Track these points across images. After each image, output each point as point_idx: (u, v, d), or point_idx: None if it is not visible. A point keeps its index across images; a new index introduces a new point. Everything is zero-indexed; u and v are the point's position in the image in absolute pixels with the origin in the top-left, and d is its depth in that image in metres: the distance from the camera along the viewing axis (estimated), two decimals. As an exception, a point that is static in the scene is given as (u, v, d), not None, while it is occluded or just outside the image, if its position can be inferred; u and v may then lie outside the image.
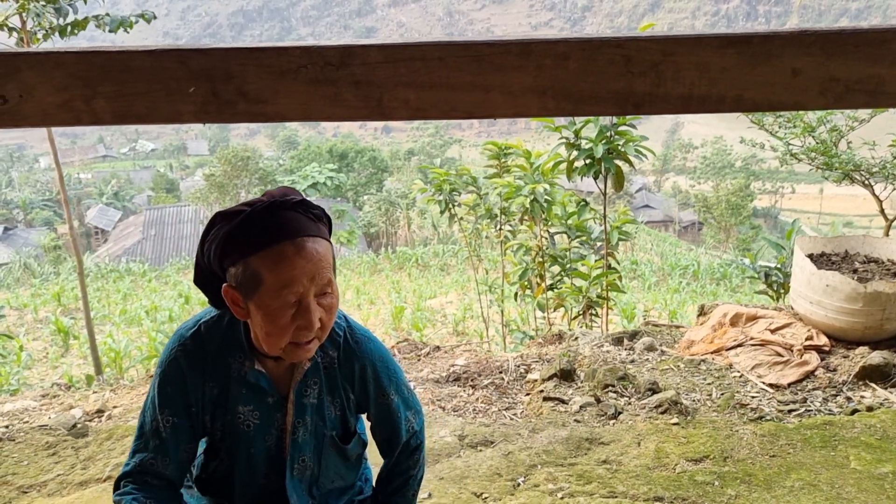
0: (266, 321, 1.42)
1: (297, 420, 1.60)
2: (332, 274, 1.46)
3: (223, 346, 1.56)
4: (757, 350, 4.33)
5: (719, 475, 3.11)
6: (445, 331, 14.45)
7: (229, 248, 1.41)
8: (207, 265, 1.49)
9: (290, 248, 1.38)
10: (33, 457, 3.58)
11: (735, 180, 44.98)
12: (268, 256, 1.38)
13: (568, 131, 5.63)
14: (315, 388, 1.61)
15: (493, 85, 0.93)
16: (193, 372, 1.55)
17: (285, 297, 1.40)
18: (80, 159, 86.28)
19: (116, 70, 0.97)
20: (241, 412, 1.58)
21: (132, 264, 28.04)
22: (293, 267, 1.38)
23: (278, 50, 0.94)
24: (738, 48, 0.89)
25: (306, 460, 1.64)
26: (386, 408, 1.69)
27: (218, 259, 1.44)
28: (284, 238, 1.39)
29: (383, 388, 1.68)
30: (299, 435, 1.61)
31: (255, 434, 1.60)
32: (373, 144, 53.84)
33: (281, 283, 1.38)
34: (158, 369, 1.58)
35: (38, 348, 13.89)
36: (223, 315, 1.58)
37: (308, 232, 1.42)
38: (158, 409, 1.55)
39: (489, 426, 3.72)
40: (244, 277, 1.40)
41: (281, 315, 1.41)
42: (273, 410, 1.60)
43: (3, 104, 1.00)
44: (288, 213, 1.42)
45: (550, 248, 6.63)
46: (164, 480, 1.55)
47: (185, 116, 0.99)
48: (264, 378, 1.57)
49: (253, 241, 1.39)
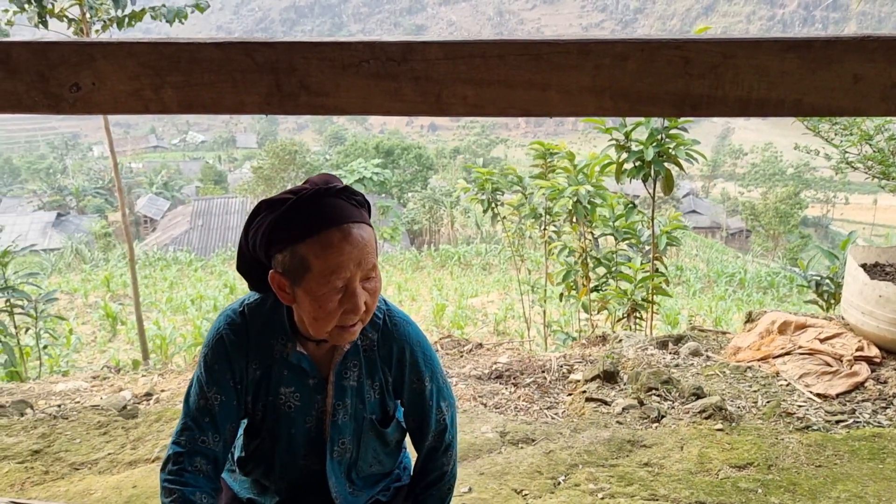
0: (314, 306, 1.45)
1: (337, 402, 1.63)
2: (375, 259, 1.49)
3: (266, 328, 1.60)
4: (805, 359, 4.27)
5: (763, 483, 3.07)
6: (486, 330, 14.42)
7: (276, 236, 1.44)
8: (251, 252, 1.52)
9: (337, 235, 1.41)
10: (85, 435, 3.69)
11: (785, 188, 44.17)
12: (315, 243, 1.40)
13: (618, 133, 5.60)
14: (355, 370, 1.63)
15: (550, 83, 0.94)
16: (238, 352, 1.58)
17: (333, 283, 1.43)
18: (133, 149, 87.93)
19: (185, 61, 1.00)
20: (282, 393, 1.61)
21: (179, 253, 28.38)
22: (340, 253, 1.41)
23: (341, 44, 0.97)
24: (798, 52, 0.88)
25: (346, 443, 1.66)
26: (419, 394, 1.70)
27: (264, 246, 1.47)
28: (331, 225, 1.41)
29: (419, 372, 1.69)
30: (339, 417, 1.64)
31: (295, 415, 1.63)
32: (419, 142, 53.96)
33: (329, 268, 1.41)
34: (205, 349, 1.61)
35: (86, 332, 14.20)
36: (265, 298, 1.62)
37: (353, 218, 1.44)
38: (206, 386, 1.57)
39: (531, 424, 3.72)
40: (292, 264, 1.43)
41: (328, 300, 1.44)
42: (314, 392, 1.62)
43: (77, 91, 1.04)
44: (332, 201, 1.44)
45: (594, 249, 6.59)
46: (210, 460, 1.57)
47: (248, 107, 1.02)
48: (306, 360, 1.60)
49: (300, 229, 1.41)
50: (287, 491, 1.72)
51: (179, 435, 1.58)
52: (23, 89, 1.04)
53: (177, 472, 1.54)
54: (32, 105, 1.04)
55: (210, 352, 1.59)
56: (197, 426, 1.57)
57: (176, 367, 5.87)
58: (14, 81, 1.03)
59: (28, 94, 1.04)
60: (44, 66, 1.02)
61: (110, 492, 3.10)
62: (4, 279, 7.23)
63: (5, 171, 69.04)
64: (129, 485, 3.15)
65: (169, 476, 1.54)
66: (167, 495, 1.52)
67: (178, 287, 20.41)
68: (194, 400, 1.59)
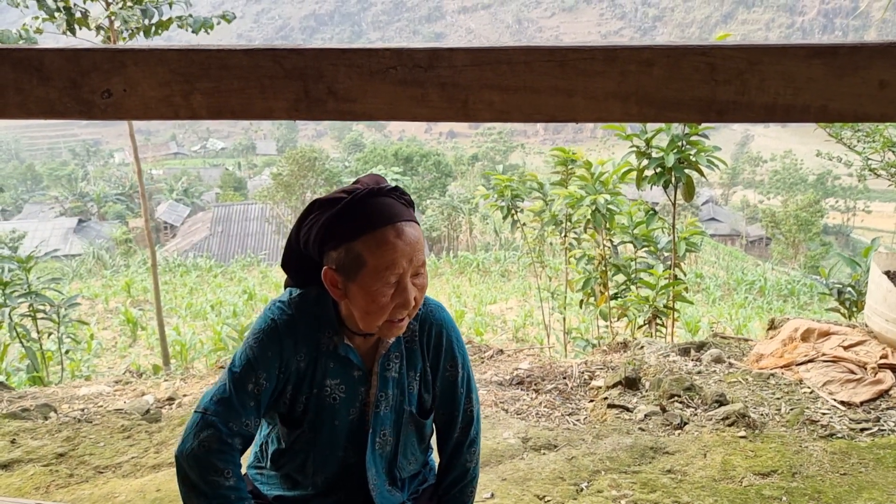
0: (367, 301, 1.51)
1: (380, 393, 1.68)
2: (424, 256, 1.56)
3: (312, 321, 1.64)
4: (829, 366, 4.23)
5: (787, 490, 3.05)
6: (505, 337, 14.41)
7: (331, 233, 1.50)
8: (302, 249, 1.58)
9: (392, 233, 1.48)
10: (109, 439, 3.72)
11: (805, 195, 43.81)
12: (370, 240, 1.47)
13: (639, 140, 5.59)
14: (397, 361, 1.69)
15: (576, 89, 0.95)
16: (288, 341, 1.61)
17: (386, 278, 1.49)
18: (153, 156, 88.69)
19: (215, 67, 1.01)
20: (328, 385, 1.65)
21: (199, 259, 28.49)
22: (394, 250, 1.48)
23: (369, 51, 0.98)
24: (824, 59, 0.88)
25: (386, 434, 1.70)
26: (452, 382, 1.75)
27: (318, 243, 1.53)
28: (385, 223, 1.48)
29: (454, 357, 1.75)
30: (381, 408, 1.68)
31: (340, 406, 1.66)
32: (437, 149, 54.08)
33: (383, 264, 1.48)
34: (258, 335, 1.60)
35: (107, 337, 14.33)
36: (307, 293, 1.66)
37: (404, 216, 1.52)
38: (258, 370, 1.57)
39: (552, 430, 3.72)
40: (346, 260, 1.50)
41: (381, 294, 1.50)
42: (358, 384, 1.67)
43: (108, 98, 1.05)
44: (385, 200, 1.51)
45: (613, 257, 6.58)
46: (246, 444, 1.58)
47: (276, 113, 1.04)
48: (353, 352, 1.65)
49: (355, 227, 1.48)
50: (321, 485, 1.73)
51: (214, 405, 1.55)
52: (55, 95, 1.05)
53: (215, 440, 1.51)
54: (65, 111, 1.06)
55: (264, 336, 1.60)
56: (242, 407, 1.55)
57: (197, 373, 5.91)
58: (47, 88, 1.04)
59: (60, 100, 1.05)
60: (76, 72, 1.03)
61: (134, 495, 3.12)
62: (28, 284, 7.32)
63: (28, 178, 69.87)
64: (153, 488, 3.18)
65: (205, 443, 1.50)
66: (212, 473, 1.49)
67: (197, 293, 20.56)
68: (241, 380, 1.56)
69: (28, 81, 1.03)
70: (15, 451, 3.59)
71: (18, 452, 3.57)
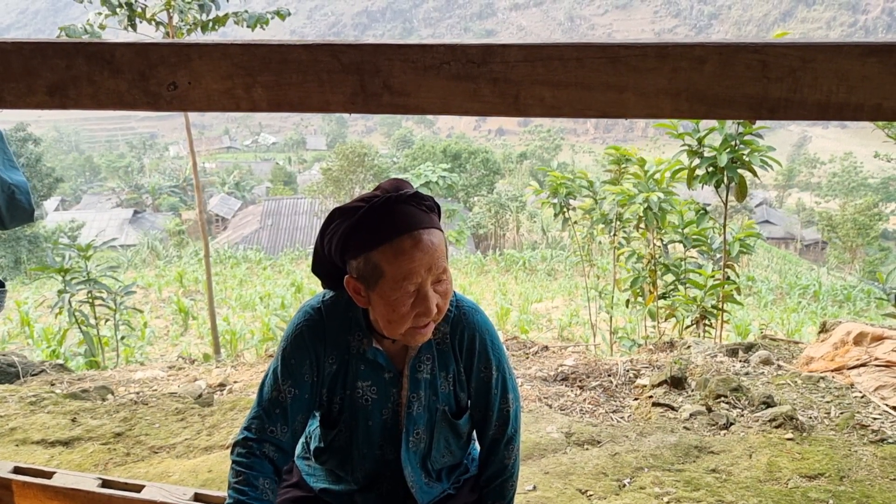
0: (387, 309, 1.52)
1: (412, 394, 1.69)
2: (445, 262, 1.54)
3: (342, 325, 1.66)
4: (882, 371, 4.15)
5: (834, 494, 3.00)
6: (550, 335, 14.35)
7: (350, 244, 1.50)
8: (327, 256, 1.59)
9: (409, 242, 1.46)
10: (164, 420, 3.84)
11: (865, 198, 42.68)
12: (387, 250, 1.46)
13: (691, 138, 5.53)
14: (428, 363, 1.69)
15: (627, 86, 0.96)
16: (316, 346, 1.65)
17: (405, 288, 1.49)
18: (206, 149, 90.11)
19: (276, 61, 1.05)
20: (359, 387, 1.68)
21: (249, 252, 28.91)
22: (412, 259, 1.47)
23: (423, 47, 1.00)
24: (879, 57, 0.88)
25: (420, 433, 1.72)
26: (485, 383, 1.74)
27: (339, 253, 1.54)
28: (402, 232, 1.47)
29: (487, 359, 1.73)
30: (414, 409, 1.69)
31: (372, 408, 1.69)
32: (486, 146, 53.98)
33: (401, 275, 1.47)
34: (284, 343, 1.68)
35: (160, 326, 14.63)
36: (340, 296, 1.68)
37: (423, 224, 1.49)
38: (281, 379, 1.65)
39: (596, 426, 3.72)
40: (366, 270, 1.50)
41: (401, 304, 1.50)
42: (389, 386, 1.69)
43: (174, 90, 1.10)
44: (403, 207, 1.49)
45: (663, 256, 6.52)
46: (277, 449, 1.65)
47: (333, 106, 1.07)
48: (382, 355, 1.67)
49: (372, 237, 1.47)
50: (363, 480, 1.77)
51: (251, 421, 1.66)
52: (125, 87, 1.09)
53: (245, 456, 1.62)
54: (133, 102, 1.10)
55: (289, 346, 1.66)
56: (268, 417, 1.64)
57: (246, 361, 6.03)
58: (117, 80, 1.08)
59: (129, 92, 1.09)
60: (145, 65, 1.07)
61: (187, 475, 3.22)
62: (87, 272, 7.53)
63: (87, 169, 71.72)
64: (205, 469, 3.27)
65: (238, 458, 1.62)
66: (234, 476, 1.60)
67: (247, 284, 20.86)
68: (268, 391, 1.67)
69: (100, 73, 1.07)
70: (75, 429, 3.73)
71: (79, 430, 3.71)
